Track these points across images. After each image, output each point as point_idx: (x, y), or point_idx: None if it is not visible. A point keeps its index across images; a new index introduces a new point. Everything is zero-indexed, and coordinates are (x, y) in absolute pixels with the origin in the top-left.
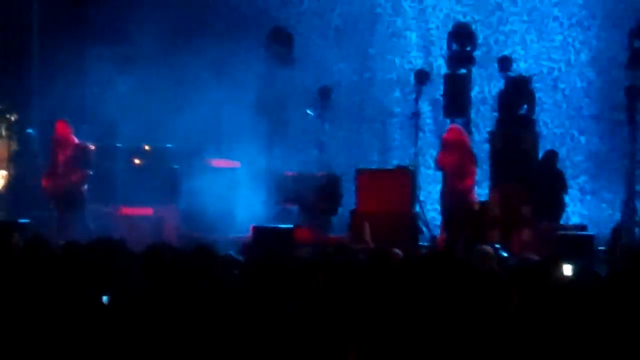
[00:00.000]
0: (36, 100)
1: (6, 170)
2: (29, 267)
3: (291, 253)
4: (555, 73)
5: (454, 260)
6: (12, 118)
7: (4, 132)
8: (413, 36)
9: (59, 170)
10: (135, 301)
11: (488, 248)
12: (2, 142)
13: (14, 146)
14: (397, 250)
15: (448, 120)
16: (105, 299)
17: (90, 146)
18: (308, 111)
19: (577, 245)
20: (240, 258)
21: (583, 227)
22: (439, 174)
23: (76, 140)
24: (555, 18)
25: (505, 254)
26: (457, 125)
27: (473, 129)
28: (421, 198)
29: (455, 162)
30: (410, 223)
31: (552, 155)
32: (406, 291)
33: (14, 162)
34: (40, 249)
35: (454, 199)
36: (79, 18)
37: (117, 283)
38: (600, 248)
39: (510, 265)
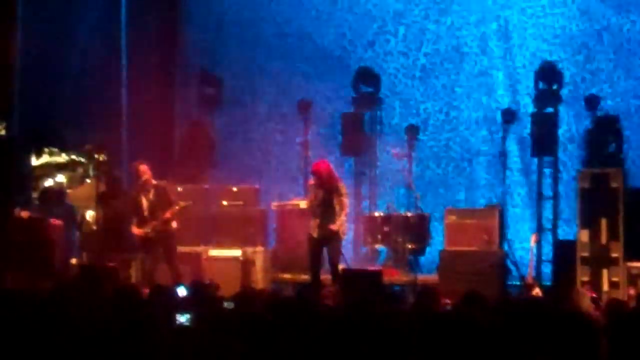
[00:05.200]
0: (124, 141)
1: (94, 211)
2: (120, 314)
3: (382, 298)
4: None
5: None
6: (101, 158)
7: (92, 173)
8: (500, 75)
9: (146, 215)
10: (225, 350)
11: (583, 290)
12: (91, 183)
13: (102, 187)
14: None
15: (535, 159)
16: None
17: (164, 182)
18: (393, 150)
19: None
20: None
21: None
22: (527, 212)
23: (154, 181)
24: None
25: (594, 295)
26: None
27: (561, 167)
28: (509, 237)
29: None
30: (499, 262)
31: None
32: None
33: (102, 203)
34: (131, 297)
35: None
36: (167, 60)
37: (207, 329)
38: None
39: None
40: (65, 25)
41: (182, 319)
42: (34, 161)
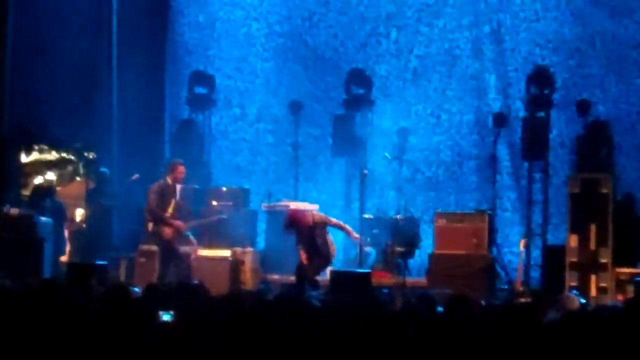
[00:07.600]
0: (114, 139)
1: (83, 209)
2: (110, 313)
3: (371, 300)
4: (634, 116)
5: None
6: (91, 156)
7: (81, 170)
8: (491, 78)
9: (171, 213)
10: (217, 348)
11: (571, 295)
12: (81, 181)
13: (91, 185)
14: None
15: (526, 164)
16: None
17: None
18: (385, 154)
19: None
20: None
21: None
22: (517, 216)
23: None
24: (635, 61)
25: (583, 300)
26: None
27: (551, 173)
28: (498, 241)
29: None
30: (488, 266)
31: (630, 199)
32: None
33: (90, 200)
34: (122, 296)
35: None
36: (157, 58)
37: (196, 329)
38: None
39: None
40: (56, 24)
41: (166, 317)
42: (24, 158)
